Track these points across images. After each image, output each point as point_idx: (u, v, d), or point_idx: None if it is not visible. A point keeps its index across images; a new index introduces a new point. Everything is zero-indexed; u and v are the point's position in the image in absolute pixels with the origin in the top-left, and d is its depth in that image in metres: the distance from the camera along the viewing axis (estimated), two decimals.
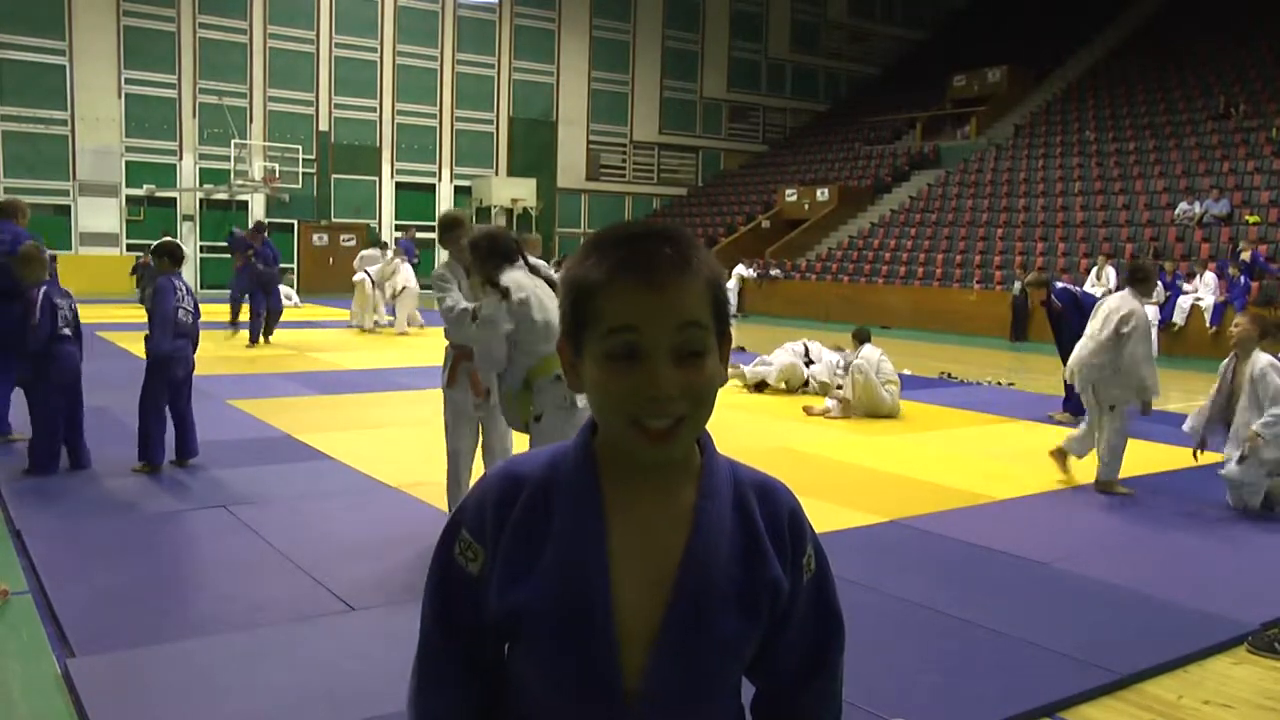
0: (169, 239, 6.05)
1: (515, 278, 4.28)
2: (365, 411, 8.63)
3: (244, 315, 14.35)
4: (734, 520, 1.10)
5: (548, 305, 4.21)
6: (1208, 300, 15.52)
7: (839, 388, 9.24)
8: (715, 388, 1.06)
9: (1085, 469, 6.73)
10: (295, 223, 26.57)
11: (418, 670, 1.17)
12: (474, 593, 1.12)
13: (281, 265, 15.74)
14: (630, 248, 1.05)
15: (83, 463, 6.10)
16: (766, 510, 1.13)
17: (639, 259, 1.04)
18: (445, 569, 1.14)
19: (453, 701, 1.15)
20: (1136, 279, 6.56)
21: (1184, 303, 15.65)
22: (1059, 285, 9.56)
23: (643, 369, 1.01)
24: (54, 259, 6.97)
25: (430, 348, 13.80)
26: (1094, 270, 17.27)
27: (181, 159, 25.26)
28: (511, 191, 28.62)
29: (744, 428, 8.06)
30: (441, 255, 5.53)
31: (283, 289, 21.30)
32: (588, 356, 1.06)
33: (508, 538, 1.09)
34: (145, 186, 24.68)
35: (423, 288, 13.64)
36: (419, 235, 19.35)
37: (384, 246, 17.93)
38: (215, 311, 16.11)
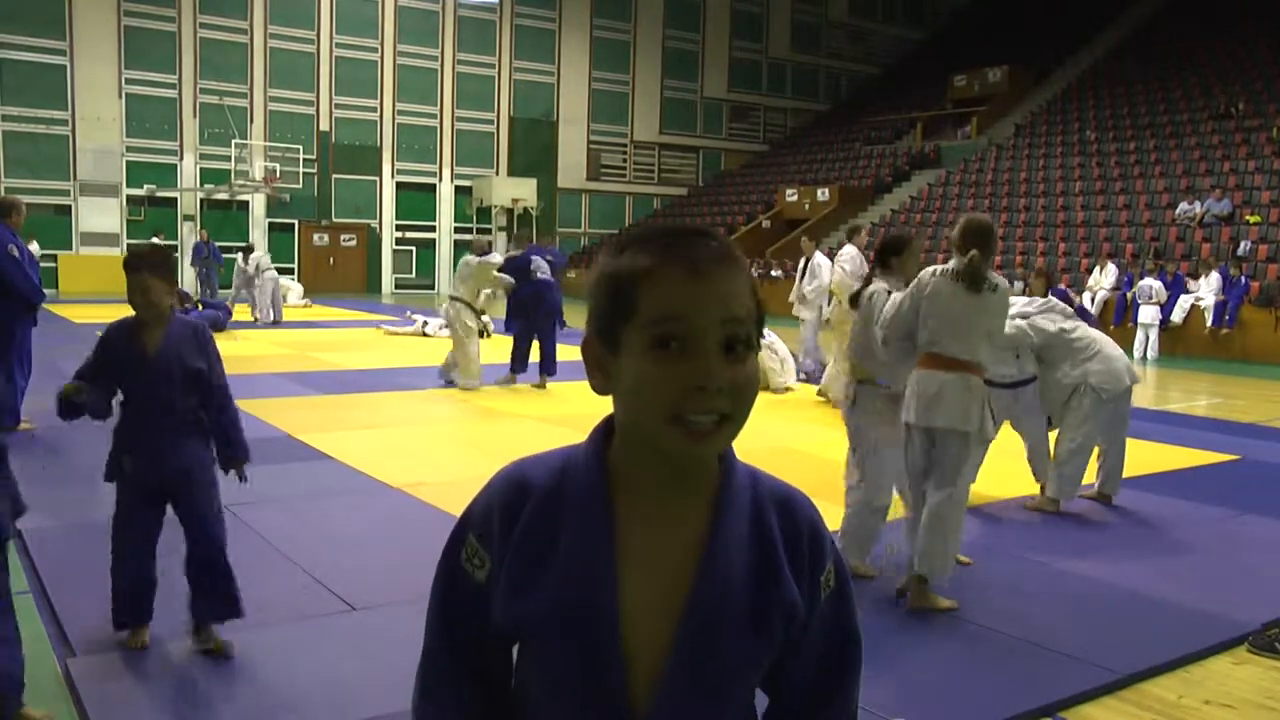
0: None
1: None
2: (365, 411, 8.62)
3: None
4: (750, 535, 1.07)
5: None
6: (1208, 300, 15.52)
7: None
8: (756, 387, 1.03)
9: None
10: (295, 223, 26.60)
11: (421, 678, 1.14)
12: (480, 601, 1.09)
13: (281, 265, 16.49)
14: (674, 239, 1.03)
15: None
16: (785, 524, 1.09)
17: (685, 249, 1.01)
18: (451, 576, 1.11)
19: (456, 711, 1.12)
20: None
21: (1184, 302, 15.65)
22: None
23: (690, 359, 0.98)
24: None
25: (430, 348, 13.82)
26: (1095, 270, 17.30)
27: (182, 159, 25.28)
28: (512, 191, 28.64)
29: (746, 428, 8.05)
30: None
31: (294, 286, 21.68)
32: (626, 351, 1.01)
33: (514, 549, 1.06)
34: (146, 186, 24.71)
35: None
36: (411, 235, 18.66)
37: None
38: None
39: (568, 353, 10.49)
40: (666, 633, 1.03)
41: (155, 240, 21.91)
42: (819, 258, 10.69)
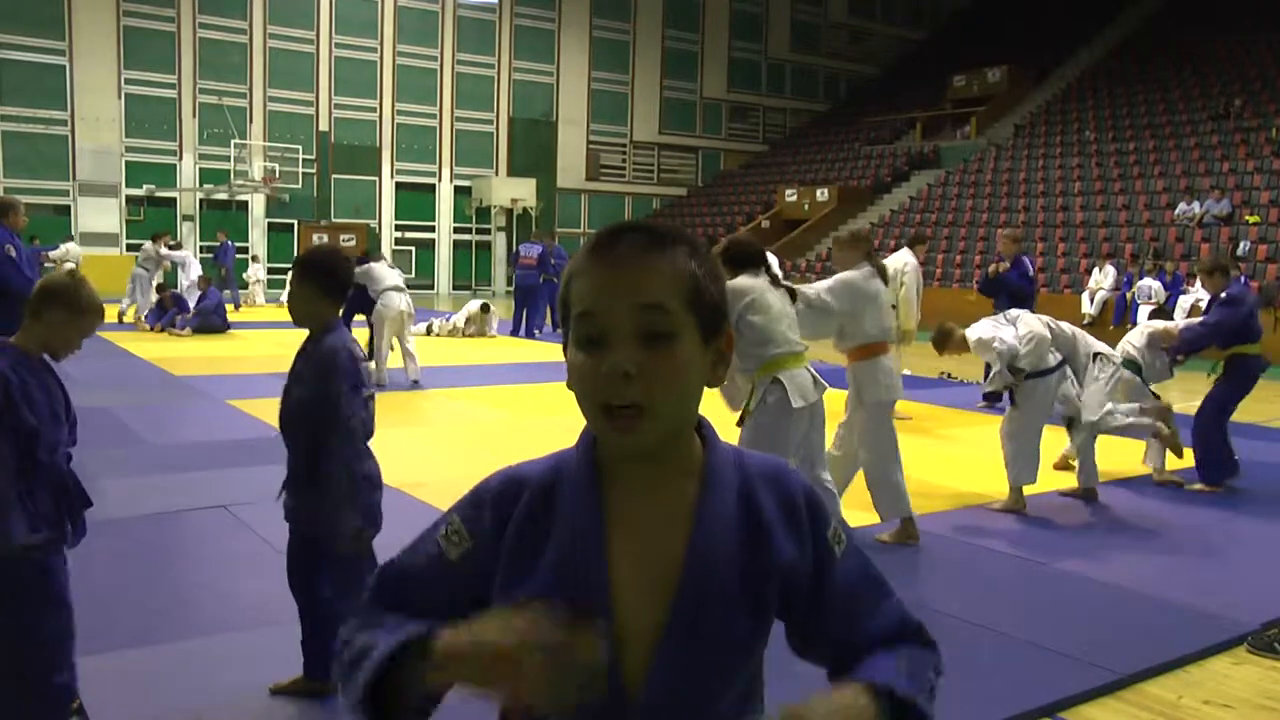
0: None
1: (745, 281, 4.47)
2: None
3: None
4: (739, 513, 1.08)
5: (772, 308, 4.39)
6: (1207, 300, 15.52)
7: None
8: (685, 378, 1.04)
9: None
10: (295, 223, 26.57)
11: (349, 626, 1.11)
12: (440, 571, 1.11)
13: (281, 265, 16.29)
14: (604, 237, 1.07)
15: None
16: (778, 495, 1.11)
17: (607, 244, 1.06)
18: (420, 542, 1.14)
19: (390, 624, 1.08)
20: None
21: (1184, 302, 15.65)
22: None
23: (606, 348, 1.02)
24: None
25: (432, 349, 13.81)
26: (1094, 270, 17.32)
27: (181, 159, 25.27)
28: (511, 191, 28.63)
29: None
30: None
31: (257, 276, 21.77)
32: (569, 346, 1.07)
33: (510, 537, 1.08)
34: (145, 186, 24.70)
35: None
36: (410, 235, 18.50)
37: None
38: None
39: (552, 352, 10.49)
40: (659, 613, 1.05)
41: (151, 243, 21.75)
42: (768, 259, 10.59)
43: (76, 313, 2.77)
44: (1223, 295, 6.45)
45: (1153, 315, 8.59)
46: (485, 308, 15.88)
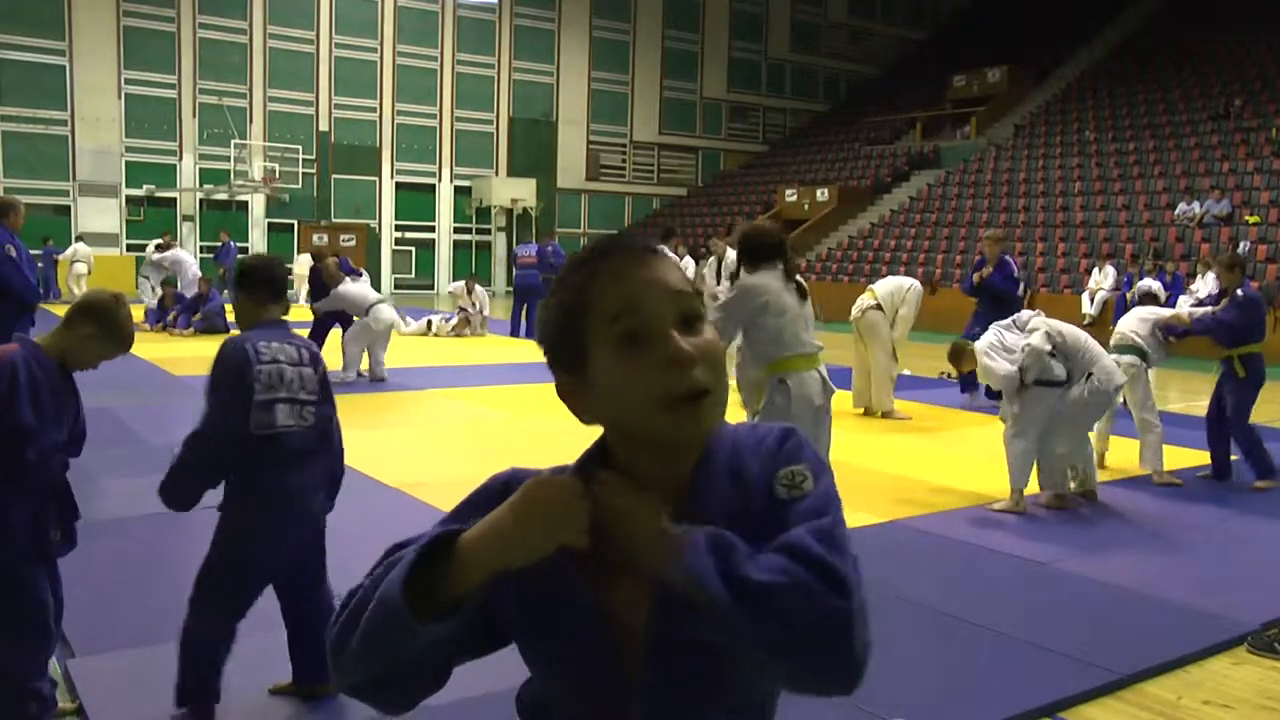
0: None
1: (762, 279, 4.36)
2: (364, 412, 8.62)
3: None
4: (730, 484, 1.07)
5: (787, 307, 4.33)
6: (1215, 293, 15.52)
7: None
8: (723, 354, 1.08)
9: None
10: (295, 223, 26.57)
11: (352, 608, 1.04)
12: None
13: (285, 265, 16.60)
14: (602, 250, 1.09)
15: None
16: (758, 457, 1.08)
17: (616, 252, 1.07)
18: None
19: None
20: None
21: (1184, 302, 15.64)
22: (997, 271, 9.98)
23: (656, 343, 1.01)
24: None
25: (424, 349, 13.83)
26: (1094, 270, 17.32)
27: (181, 159, 25.26)
28: (511, 192, 28.63)
29: None
30: None
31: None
32: (594, 363, 1.04)
33: None
34: (145, 187, 24.69)
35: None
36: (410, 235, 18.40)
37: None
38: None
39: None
40: (650, 608, 1.04)
41: (157, 241, 21.80)
42: (732, 256, 10.30)
43: (106, 332, 2.83)
44: (1238, 294, 6.53)
45: (1143, 301, 8.70)
46: (470, 277, 16.14)
